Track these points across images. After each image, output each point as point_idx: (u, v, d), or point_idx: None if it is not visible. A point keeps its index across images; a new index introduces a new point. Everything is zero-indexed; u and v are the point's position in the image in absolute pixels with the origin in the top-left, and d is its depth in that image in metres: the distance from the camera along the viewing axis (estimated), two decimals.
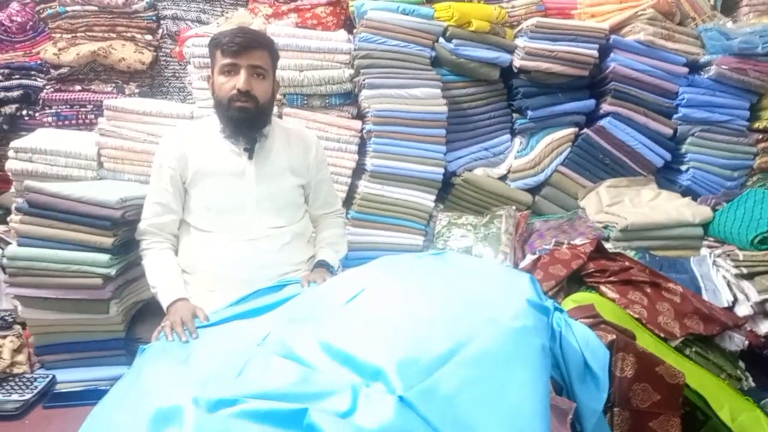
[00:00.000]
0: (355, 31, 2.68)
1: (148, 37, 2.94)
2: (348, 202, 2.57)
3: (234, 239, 1.77)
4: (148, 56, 2.88)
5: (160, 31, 2.99)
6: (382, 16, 2.53)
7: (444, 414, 0.94)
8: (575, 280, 1.82)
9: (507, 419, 0.96)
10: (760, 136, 2.71)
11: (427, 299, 1.24)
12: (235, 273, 1.75)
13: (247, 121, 1.71)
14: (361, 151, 2.62)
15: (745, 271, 1.97)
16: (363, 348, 1.06)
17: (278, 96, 2.56)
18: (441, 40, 2.61)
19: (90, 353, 1.94)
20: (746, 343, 1.76)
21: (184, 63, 2.80)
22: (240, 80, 1.66)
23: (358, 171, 2.63)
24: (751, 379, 1.71)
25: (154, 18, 2.97)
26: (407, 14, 2.56)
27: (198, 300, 1.67)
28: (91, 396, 1.72)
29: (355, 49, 2.56)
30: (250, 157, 1.77)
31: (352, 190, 2.62)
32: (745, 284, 1.95)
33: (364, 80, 2.51)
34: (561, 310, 1.37)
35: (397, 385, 0.95)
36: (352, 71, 2.56)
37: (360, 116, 2.65)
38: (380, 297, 1.28)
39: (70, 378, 1.90)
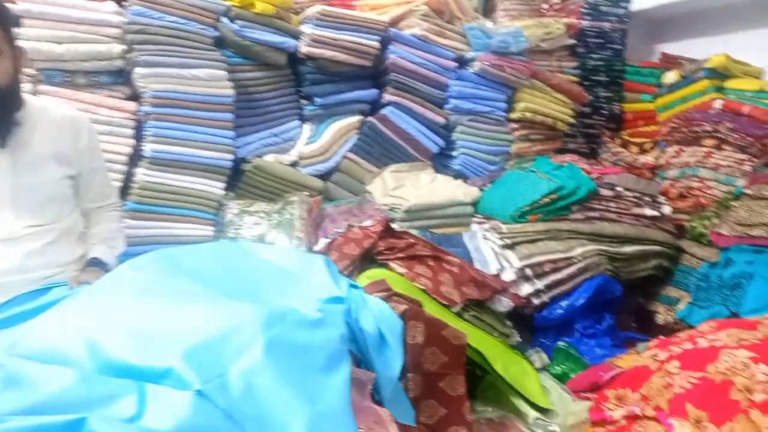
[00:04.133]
0: (124, 3, 2.42)
1: None
2: (124, 192, 2.32)
3: None
4: None
5: None
6: None
7: (245, 407, 0.89)
8: (368, 259, 1.89)
9: (309, 405, 0.95)
10: (515, 126, 3.09)
11: (216, 291, 1.18)
12: None
13: None
14: (138, 135, 2.38)
15: (508, 241, 2.23)
16: (146, 350, 0.96)
17: (32, 71, 2.22)
18: (224, 20, 2.49)
19: None
20: (511, 304, 2.01)
21: None
22: None
23: (135, 158, 2.39)
24: (517, 335, 1.96)
25: None
26: None
27: None
28: None
29: (127, 23, 2.31)
30: (3, 146, 1.48)
31: (128, 179, 2.37)
32: (509, 253, 2.21)
33: (138, 57, 2.29)
34: (357, 287, 1.40)
35: (192, 379, 0.87)
36: (123, 47, 2.31)
37: (135, 97, 2.40)
38: (162, 292, 1.17)
39: None
